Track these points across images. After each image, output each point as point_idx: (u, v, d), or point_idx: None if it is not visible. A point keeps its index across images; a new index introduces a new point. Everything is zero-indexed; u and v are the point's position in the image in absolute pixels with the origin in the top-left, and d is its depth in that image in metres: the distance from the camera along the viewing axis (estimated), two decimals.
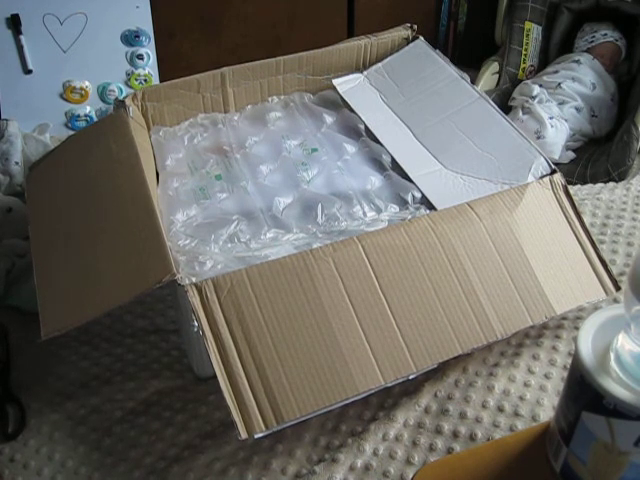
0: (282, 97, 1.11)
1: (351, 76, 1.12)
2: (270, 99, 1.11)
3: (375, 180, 0.95)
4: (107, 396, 0.88)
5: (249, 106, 1.09)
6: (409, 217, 0.86)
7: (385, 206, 0.89)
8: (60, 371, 0.92)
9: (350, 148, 1.01)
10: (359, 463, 0.76)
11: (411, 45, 1.14)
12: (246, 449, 0.79)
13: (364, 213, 0.88)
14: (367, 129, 1.03)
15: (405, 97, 1.06)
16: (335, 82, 1.11)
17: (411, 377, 0.76)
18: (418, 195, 0.91)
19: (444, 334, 0.76)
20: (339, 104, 1.10)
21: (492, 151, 0.93)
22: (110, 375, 0.91)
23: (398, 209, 0.89)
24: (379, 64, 1.13)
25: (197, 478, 0.76)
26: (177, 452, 0.80)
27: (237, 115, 1.09)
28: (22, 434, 0.83)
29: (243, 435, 0.67)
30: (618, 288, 0.86)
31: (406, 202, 0.90)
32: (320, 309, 0.73)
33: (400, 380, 0.74)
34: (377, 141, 1.00)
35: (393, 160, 0.97)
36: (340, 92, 1.09)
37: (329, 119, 1.07)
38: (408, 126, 1.01)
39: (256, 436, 0.68)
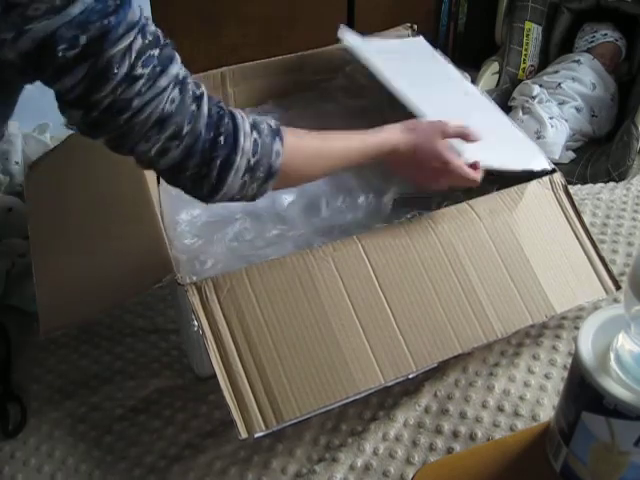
0: (282, 97, 1.11)
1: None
2: (270, 99, 1.11)
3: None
4: (107, 394, 0.88)
5: (247, 108, 1.09)
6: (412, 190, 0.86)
7: (388, 187, 0.88)
8: (60, 370, 0.92)
9: None
10: (359, 462, 0.76)
11: (411, 40, 1.12)
12: (246, 448, 0.79)
13: (368, 201, 0.88)
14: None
15: (409, 80, 1.02)
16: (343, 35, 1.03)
17: (411, 376, 0.75)
18: None
19: (444, 333, 0.76)
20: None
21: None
22: (110, 374, 0.91)
23: (402, 187, 0.88)
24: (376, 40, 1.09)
25: (197, 477, 0.76)
26: (177, 451, 0.80)
27: None
28: (22, 432, 0.83)
29: (243, 435, 0.67)
30: (618, 287, 0.86)
31: None
32: (320, 308, 0.73)
33: (400, 379, 0.74)
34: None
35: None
36: (348, 42, 1.02)
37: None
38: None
39: (256, 436, 0.68)
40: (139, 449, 0.81)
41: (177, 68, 0.57)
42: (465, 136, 0.81)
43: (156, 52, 0.55)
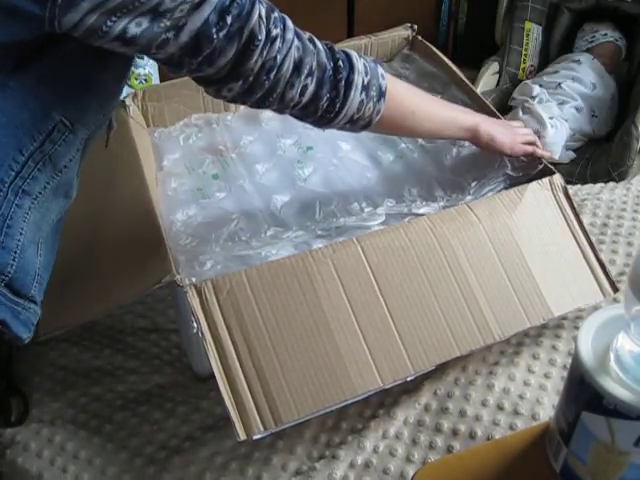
0: None
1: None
2: None
3: (371, 176, 0.95)
4: (108, 387, 0.88)
5: (242, 107, 1.09)
6: (405, 210, 0.86)
7: (382, 200, 0.89)
8: (61, 363, 0.92)
9: (345, 145, 1.01)
10: (359, 460, 0.76)
11: None
12: (247, 444, 0.79)
13: (361, 209, 0.88)
14: None
15: None
16: None
17: (409, 379, 0.76)
18: (414, 189, 0.91)
19: (442, 336, 0.76)
20: None
21: None
22: (111, 368, 0.91)
23: (395, 202, 0.89)
24: None
25: (198, 471, 0.77)
26: (178, 443, 0.80)
27: (230, 115, 1.09)
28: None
29: (242, 436, 0.67)
30: (616, 290, 0.85)
31: (402, 195, 0.90)
32: (319, 311, 0.73)
33: (398, 382, 0.74)
34: None
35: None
36: None
37: None
38: None
39: (254, 437, 0.68)
40: (140, 439, 0.81)
41: (291, 22, 0.69)
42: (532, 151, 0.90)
43: (275, 14, 0.66)
